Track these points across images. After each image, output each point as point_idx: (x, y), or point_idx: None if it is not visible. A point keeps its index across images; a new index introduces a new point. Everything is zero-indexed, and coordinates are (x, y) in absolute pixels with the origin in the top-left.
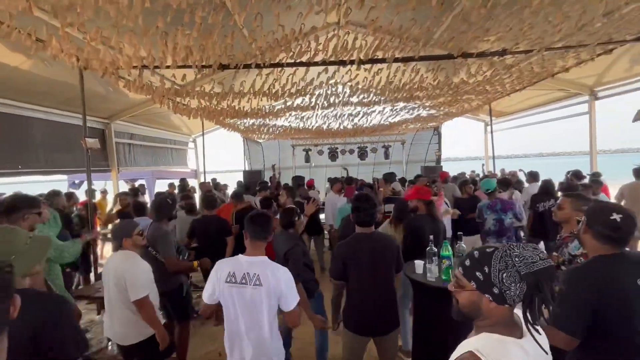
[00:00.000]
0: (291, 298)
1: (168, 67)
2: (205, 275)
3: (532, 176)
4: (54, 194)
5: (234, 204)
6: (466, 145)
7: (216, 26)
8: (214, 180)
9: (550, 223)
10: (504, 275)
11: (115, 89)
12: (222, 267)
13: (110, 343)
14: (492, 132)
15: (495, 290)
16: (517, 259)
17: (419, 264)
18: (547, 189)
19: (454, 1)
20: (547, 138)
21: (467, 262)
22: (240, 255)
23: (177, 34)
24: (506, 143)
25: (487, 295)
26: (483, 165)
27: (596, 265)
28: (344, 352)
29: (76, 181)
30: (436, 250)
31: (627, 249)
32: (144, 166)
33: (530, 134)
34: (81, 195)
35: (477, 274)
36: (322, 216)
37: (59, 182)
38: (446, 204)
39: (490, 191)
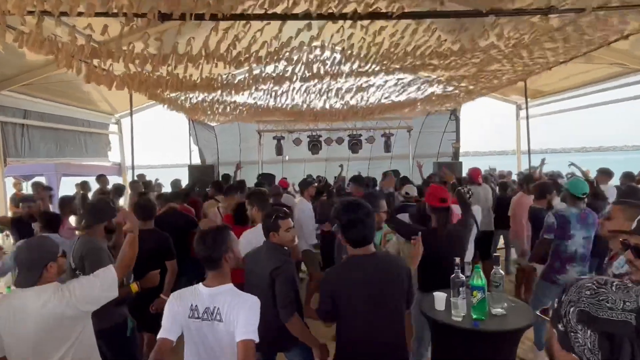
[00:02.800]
0: (246, 325)
1: (81, 14)
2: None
3: (605, 174)
4: None
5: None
6: (490, 135)
7: None
8: (141, 177)
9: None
10: (572, 309)
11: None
12: (182, 300)
13: None
14: (527, 117)
15: (560, 327)
16: (594, 293)
17: (439, 297)
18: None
19: None
20: (593, 128)
21: None
22: (200, 284)
23: None
24: (542, 133)
25: (555, 331)
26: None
27: None
28: None
29: None
30: (464, 278)
31: None
32: (43, 157)
33: (572, 122)
34: None
35: (552, 302)
36: None
37: None
38: (475, 221)
39: (578, 197)
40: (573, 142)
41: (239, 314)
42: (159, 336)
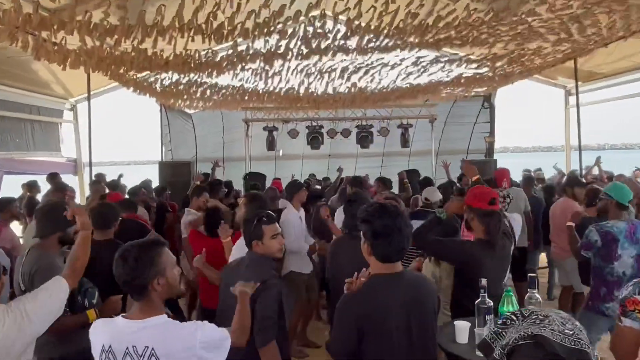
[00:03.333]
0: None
1: None
2: None
3: None
4: None
5: None
6: (534, 127)
7: None
8: (101, 176)
9: None
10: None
11: None
12: (95, 337)
13: None
14: (577, 104)
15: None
16: (505, 323)
17: (461, 327)
18: None
19: None
20: None
21: None
22: (119, 316)
23: None
24: (597, 124)
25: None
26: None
27: None
28: None
29: None
30: (491, 303)
31: None
32: None
33: (635, 111)
34: None
35: None
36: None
37: None
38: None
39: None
40: (636, 136)
41: (197, 354)
42: None
